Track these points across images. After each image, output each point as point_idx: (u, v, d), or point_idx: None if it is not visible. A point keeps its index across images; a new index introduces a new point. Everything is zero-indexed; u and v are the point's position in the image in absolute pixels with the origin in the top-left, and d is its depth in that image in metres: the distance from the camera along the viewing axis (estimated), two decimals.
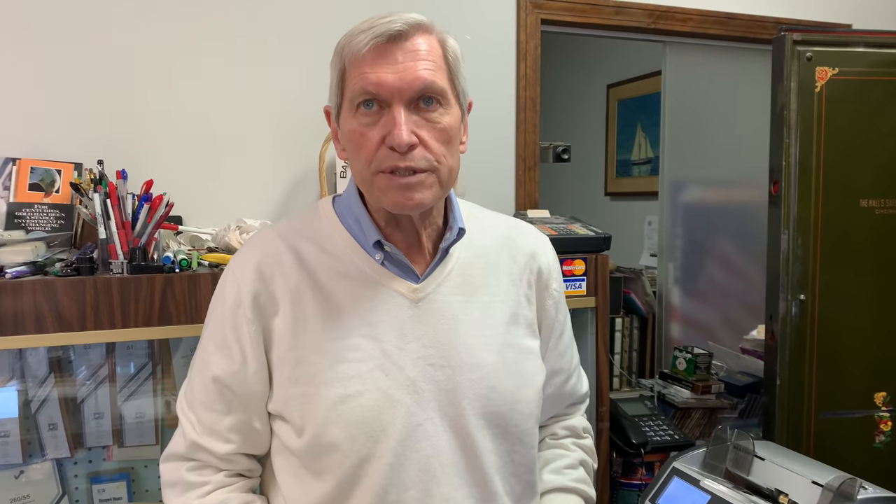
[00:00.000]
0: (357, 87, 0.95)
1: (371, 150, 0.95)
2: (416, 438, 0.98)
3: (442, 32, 1.00)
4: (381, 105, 0.95)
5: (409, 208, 0.98)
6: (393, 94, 0.94)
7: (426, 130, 0.96)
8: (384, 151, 0.95)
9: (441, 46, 0.99)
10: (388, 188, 0.96)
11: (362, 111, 0.96)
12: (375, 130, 0.95)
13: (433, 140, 0.96)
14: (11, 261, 1.38)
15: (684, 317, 2.52)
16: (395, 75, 0.93)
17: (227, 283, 1.03)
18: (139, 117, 1.75)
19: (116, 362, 1.68)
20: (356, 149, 0.98)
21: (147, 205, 1.48)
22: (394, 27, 0.94)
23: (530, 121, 2.07)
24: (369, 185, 0.98)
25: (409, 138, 0.93)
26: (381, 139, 0.95)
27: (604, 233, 1.83)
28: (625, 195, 3.76)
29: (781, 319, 1.66)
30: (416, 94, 0.95)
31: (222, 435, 1.02)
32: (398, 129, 0.93)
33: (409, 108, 0.95)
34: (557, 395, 1.20)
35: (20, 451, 1.60)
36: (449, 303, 1.04)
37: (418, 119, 0.95)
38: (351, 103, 0.97)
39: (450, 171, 1.00)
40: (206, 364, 1.02)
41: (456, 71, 1.01)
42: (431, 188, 0.98)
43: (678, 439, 1.86)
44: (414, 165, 0.95)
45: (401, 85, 0.93)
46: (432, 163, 0.96)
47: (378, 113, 0.95)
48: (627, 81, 3.72)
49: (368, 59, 0.94)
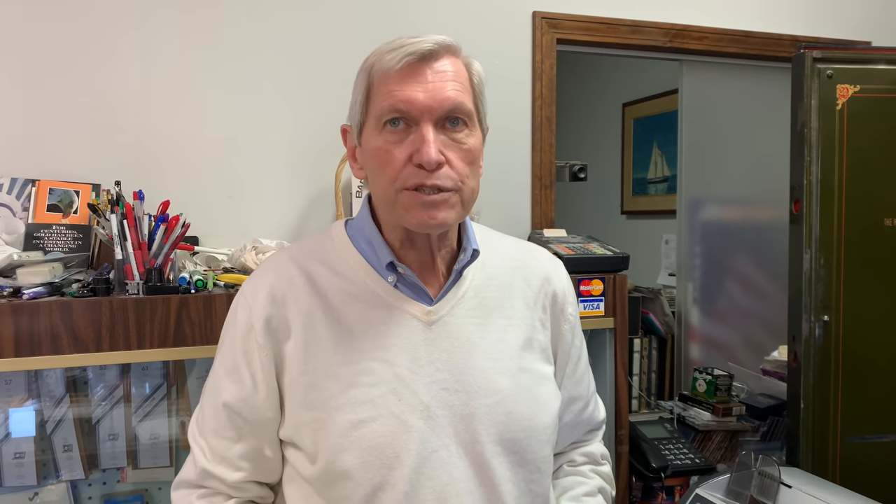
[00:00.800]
0: (386, 104, 0.95)
1: (397, 168, 0.95)
2: (430, 466, 0.96)
3: (468, 57, 1.01)
4: (408, 123, 0.95)
5: (431, 227, 0.97)
6: (422, 113, 0.94)
7: (452, 151, 0.96)
8: (410, 169, 0.94)
9: (467, 70, 1.00)
10: (412, 205, 0.95)
11: (389, 129, 0.95)
12: (402, 148, 0.95)
13: (458, 160, 0.96)
14: (29, 282, 1.39)
15: (704, 337, 2.48)
16: (425, 94, 0.94)
17: (239, 308, 1.02)
18: (156, 139, 1.76)
19: (132, 383, 1.68)
20: (380, 166, 0.97)
21: (163, 225, 1.49)
22: (425, 47, 0.94)
23: (546, 140, 2.06)
24: (392, 202, 0.97)
25: (438, 156, 0.93)
26: (407, 157, 0.94)
27: (622, 252, 1.81)
28: (641, 213, 3.74)
29: (805, 341, 1.62)
30: (445, 114, 0.95)
31: (233, 462, 1.01)
32: (427, 146, 0.93)
33: (436, 128, 0.95)
34: (575, 423, 1.18)
35: (35, 472, 1.59)
36: (463, 325, 1.03)
37: (445, 139, 0.96)
38: (377, 121, 0.96)
39: (471, 193, 1.00)
40: (217, 390, 1.01)
41: (480, 95, 1.01)
42: (454, 208, 0.97)
43: (699, 463, 1.83)
44: (440, 184, 0.95)
45: (431, 104, 0.94)
46: (457, 182, 0.96)
47: (405, 131, 0.95)
48: (643, 100, 3.71)
49: (398, 77, 0.94)
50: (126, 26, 1.73)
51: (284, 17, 1.85)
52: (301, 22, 1.87)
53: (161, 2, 1.75)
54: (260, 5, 1.83)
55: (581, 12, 2.09)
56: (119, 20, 1.72)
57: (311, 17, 1.87)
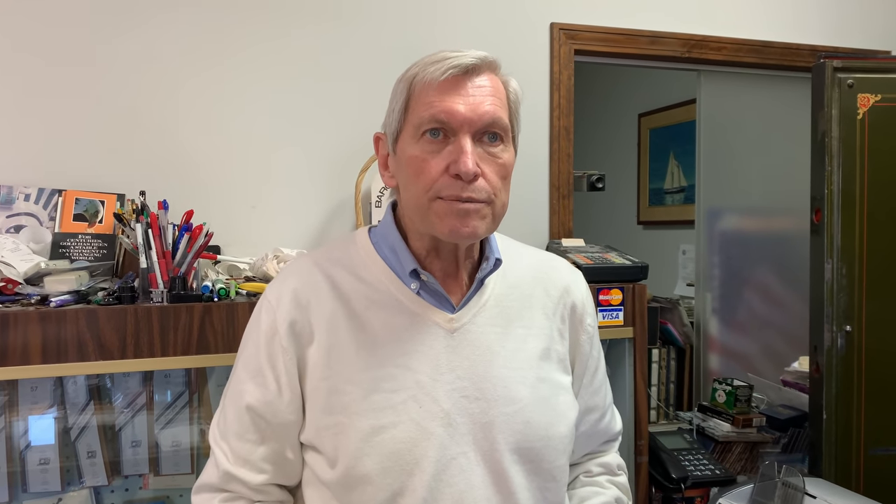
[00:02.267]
0: (426, 114, 0.96)
1: (433, 177, 0.96)
2: (450, 473, 0.97)
3: (506, 74, 1.03)
4: (446, 134, 0.97)
5: (463, 236, 0.98)
6: (462, 125, 0.95)
7: (488, 164, 0.98)
8: (446, 179, 0.96)
9: (505, 87, 1.02)
10: (447, 214, 0.97)
11: (427, 138, 0.97)
12: (439, 158, 0.96)
13: (493, 174, 0.98)
14: (56, 290, 1.41)
15: (723, 347, 2.47)
16: (465, 107, 0.95)
17: (263, 312, 1.03)
18: (180, 150, 1.78)
19: (154, 390, 1.69)
20: (415, 174, 0.98)
21: (187, 234, 1.51)
22: (468, 61, 0.96)
23: (564, 150, 2.07)
24: (425, 210, 0.98)
25: (475, 168, 0.95)
26: (444, 167, 0.96)
27: (641, 262, 1.81)
28: (658, 224, 3.73)
29: (827, 351, 1.61)
30: (483, 128, 0.97)
31: (255, 465, 1.01)
32: (466, 157, 0.94)
33: (473, 141, 0.97)
34: (592, 433, 1.19)
35: (59, 478, 1.61)
36: (485, 334, 1.04)
37: (482, 152, 0.97)
38: (416, 130, 0.98)
39: (503, 207, 1.01)
40: (240, 393, 1.02)
41: (516, 112, 1.03)
42: (485, 219, 0.99)
43: (719, 474, 1.81)
44: (475, 196, 0.96)
45: (471, 116, 0.95)
46: (490, 195, 0.98)
47: (443, 142, 0.97)
48: (659, 110, 3.71)
49: (440, 88, 0.96)
50: (152, 39, 1.76)
51: (308, 31, 1.88)
52: (324, 36, 1.89)
53: (188, 17, 1.78)
54: (284, 20, 1.86)
55: (599, 23, 2.10)
56: (146, 34, 1.75)
57: (335, 31, 1.90)
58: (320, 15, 1.89)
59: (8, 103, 1.67)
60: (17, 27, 1.67)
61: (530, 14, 2.06)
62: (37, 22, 1.68)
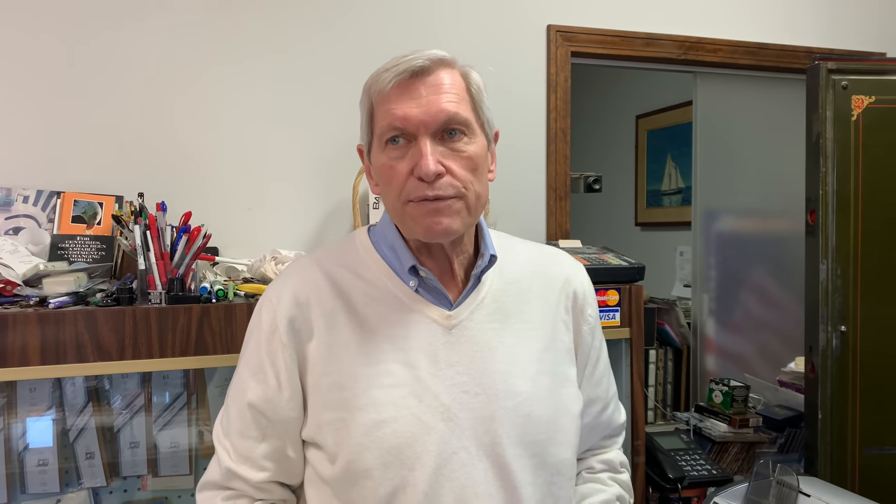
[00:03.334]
0: (385, 123, 0.98)
1: (401, 182, 0.98)
2: (450, 467, 0.97)
3: (464, 66, 1.03)
4: (407, 139, 0.98)
5: (438, 233, 0.99)
6: (418, 127, 0.97)
7: (452, 160, 0.98)
8: (413, 182, 0.97)
9: (464, 79, 1.02)
10: (419, 215, 0.98)
11: (391, 146, 0.99)
12: (404, 163, 0.98)
13: (460, 168, 0.99)
14: (54, 291, 1.42)
15: (719, 348, 2.47)
16: (419, 109, 0.97)
17: (264, 310, 1.04)
18: (178, 152, 1.79)
19: (152, 392, 1.70)
20: (387, 182, 1.01)
21: (185, 236, 1.51)
22: (416, 63, 0.97)
23: (561, 152, 2.08)
24: (401, 215, 1.01)
25: (436, 168, 0.96)
26: (409, 171, 0.97)
27: (637, 263, 1.82)
28: (655, 225, 3.74)
29: (822, 352, 1.62)
30: (441, 126, 0.98)
31: (257, 462, 1.02)
32: (424, 159, 0.96)
33: (434, 140, 0.98)
34: (594, 425, 1.19)
35: (58, 479, 1.62)
36: (482, 330, 1.04)
37: (444, 150, 0.98)
38: (380, 140, 1.00)
39: (477, 198, 1.02)
40: (242, 391, 1.03)
41: (479, 102, 1.03)
42: (459, 213, 1.00)
43: (716, 474, 1.82)
44: (441, 193, 0.97)
45: (425, 118, 0.97)
46: (459, 189, 0.99)
47: (406, 147, 0.98)
48: (656, 112, 3.72)
49: (393, 95, 0.98)
50: (149, 44, 1.77)
51: (302, 33, 1.88)
52: (319, 39, 1.90)
53: (184, 18, 1.79)
54: (279, 22, 1.87)
55: (595, 25, 2.11)
56: (142, 38, 1.76)
57: (329, 33, 1.91)
58: (316, 15, 1.90)
59: (7, 106, 1.67)
60: (13, 31, 1.68)
61: (527, 16, 2.07)
62: (33, 25, 1.69)
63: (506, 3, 2.05)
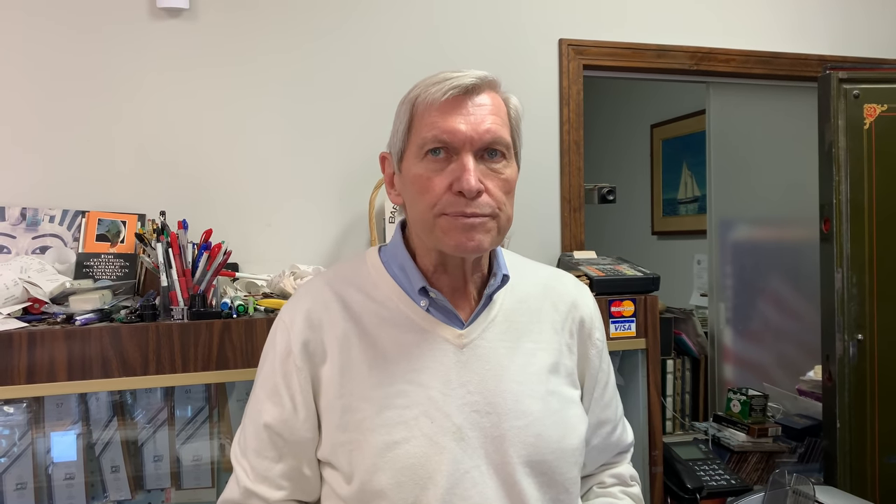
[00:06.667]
0: (429, 134, 0.99)
1: (437, 195, 0.99)
2: (463, 486, 0.99)
3: (506, 92, 1.06)
4: (448, 153, 1.00)
5: (469, 250, 1.01)
6: (464, 143, 0.98)
7: (491, 180, 1.00)
8: (450, 196, 0.99)
9: (505, 104, 1.05)
10: (451, 229, 0.99)
11: (430, 157, 1.00)
12: (442, 176, 0.99)
13: (496, 189, 1.01)
14: (81, 308, 1.45)
15: (737, 358, 2.46)
16: (467, 126, 0.98)
17: (278, 332, 1.06)
18: (199, 170, 1.83)
19: (175, 406, 1.73)
20: (420, 192, 1.01)
21: (206, 253, 1.55)
22: (468, 81, 0.99)
23: (574, 164, 2.09)
24: (430, 227, 1.01)
25: (478, 184, 0.98)
26: (447, 185, 0.99)
27: (652, 273, 1.82)
28: (672, 234, 3.73)
29: (839, 360, 1.62)
30: (484, 146, 0.99)
31: (274, 482, 1.04)
32: (468, 174, 0.97)
33: (476, 158, 0.99)
34: (604, 446, 1.20)
35: (84, 493, 1.65)
36: (494, 349, 1.06)
37: (484, 168, 1.00)
38: (419, 149, 1.01)
39: (507, 220, 1.04)
40: (259, 412, 1.05)
41: (517, 129, 1.06)
42: (490, 233, 1.01)
43: (735, 484, 1.81)
44: (479, 211, 0.99)
45: (472, 135, 0.98)
46: (494, 209, 1.00)
47: (445, 160, 1.00)
48: (671, 121, 3.72)
49: (442, 109, 0.99)
50: (169, 64, 1.81)
51: (322, 50, 1.92)
52: (335, 54, 1.94)
53: (202, 38, 1.83)
54: (298, 40, 1.91)
55: (607, 38, 2.12)
56: (163, 58, 1.81)
57: (346, 49, 1.94)
58: (331, 32, 1.93)
59: (32, 127, 1.72)
60: (38, 49, 1.73)
61: (539, 30, 2.09)
62: (55, 48, 1.74)
63: (518, 18, 2.07)
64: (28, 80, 1.72)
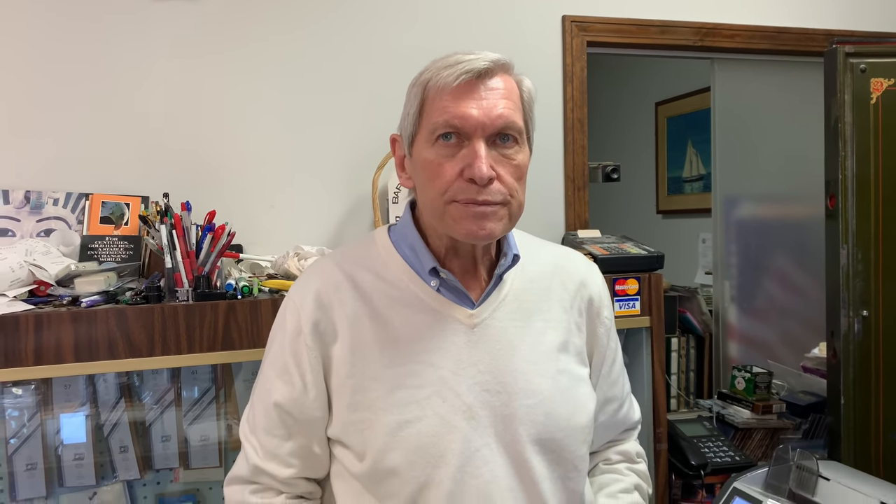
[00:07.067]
0: (440, 119, 0.98)
1: (447, 181, 0.98)
2: (474, 464, 1.00)
3: (519, 74, 1.04)
4: (460, 138, 0.98)
5: (480, 238, 1.00)
6: (475, 129, 0.97)
7: (503, 166, 0.99)
8: (461, 183, 0.97)
9: (518, 87, 1.03)
10: (463, 217, 0.98)
11: (441, 143, 0.98)
12: (453, 162, 0.98)
13: (508, 175, 0.99)
14: (86, 290, 1.46)
15: (742, 335, 2.47)
16: (479, 111, 0.96)
17: (288, 312, 1.06)
18: (201, 152, 1.83)
19: (182, 387, 1.74)
20: (430, 178, 1.00)
21: (210, 234, 1.55)
22: (481, 65, 0.97)
23: (578, 142, 2.08)
24: (441, 213, 1.00)
25: (490, 172, 0.96)
26: (458, 171, 0.97)
27: (657, 251, 1.82)
28: (677, 213, 3.72)
29: (844, 336, 1.62)
30: (497, 131, 0.98)
31: (283, 459, 1.05)
32: (480, 161, 0.96)
33: (487, 143, 0.98)
34: (610, 423, 1.21)
35: (94, 473, 1.67)
36: (504, 328, 1.06)
37: (496, 154, 0.98)
38: (430, 134, 0.99)
39: (519, 207, 1.03)
40: (268, 391, 1.05)
41: (530, 112, 1.04)
42: (502, 220, 1.00)
43: (739, 460, 1.82)
44: (490, 199, 0.98)
45: (484, 121, 0.96)
46: (506, 196, 0.99)
47: (457, 146, 0.98)
48: (676, 98, 3.69)
49: (454, 93, 0.98)
50: (170, 45, 1.80)
51: (323, 30, 1.91)
52: (340, 35, 1.92)
53: (204, 19, 1.82)
54: (299, 20, 1.89)
55: (610, 14, 2.10)
56: (165, 39, 1.80)
57: (350, 30, 1.93)
58: (333, 12, 1.92)
59: (35, 111, 1.72)
60: (40, 36, 1.72)
61: (542, 7, 2.07)
62: (57, 32, 1.73)
63: None
64: (29, 64, 1.72)
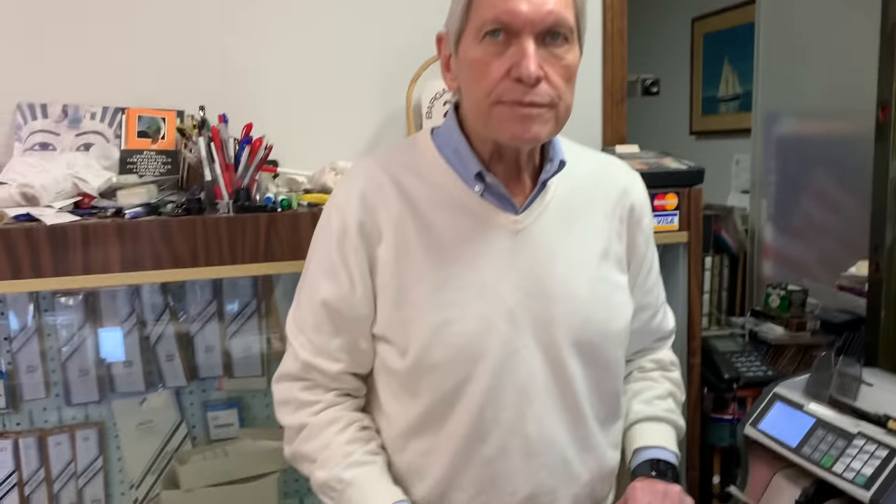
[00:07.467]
0: (489, 15, 0.94)
1: (494, 81, 0.95)
2: (513, 363, 1.02)
3: None
4: (508, 35, 0.94)
5: (525, 141, 0.99)
6: (525, 25, 0.93)
7: (551, 66, 0.95)
8: (508, 83, 0.95)
9: None
10: (508, 119, 0.96)
11: (489, 40, 0.95)
12: (501, 61, 0.95)
13: (557, 76, 0.96)
14: (129, 202, 1.48)
15: (777, 254, 2.44)
16: (529, 6, 0.92)
17: (333, 213, 1.07)
18: (235, 66, 1.80)
19: (224, 299, 1.78)
20: (477, 77, 0.97)
21: (248, 147, 1.55)
22: None
23: (618, 53, 2.02)
24: (486, 115, 0.98)
25: (538, 71, 0.93)
26: (506, 70, 0.94)
27: (697, 166, 1.79)
28: (711, 133, 3.65)
29: (888, 250, 1.59)
30: (547, 28, 0.94)
31: (332, 354, 1.08)
32: (528, 60, 0.93)
33: (537, 42, 0.94)
34: (644, 331, 1.22)
35: (142, 380, 1.73)
36: (547, 234, 1.06)
37: (545, 53, 0.95)
38: (478, 31, 0.96)
39: (566, 110, 1.00)
40: (315, 290, 1.07)
41: (582, 9, 0.99)
42: (548, 124, 0.98)
43: (771, 375, 1.83)
44: (537, 100, 0.95)
45: (534, 17, 0.93)
46: (554, 98, 0.96)
47: (505, 43, 0.95)
48: (714, 14, 3.56)
49: None
50: None
51: None
52: None
53: None
54: None
55: None
56: None
57: None
58: None
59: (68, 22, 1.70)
60: None
61: None
62: None
63: None
64: None
